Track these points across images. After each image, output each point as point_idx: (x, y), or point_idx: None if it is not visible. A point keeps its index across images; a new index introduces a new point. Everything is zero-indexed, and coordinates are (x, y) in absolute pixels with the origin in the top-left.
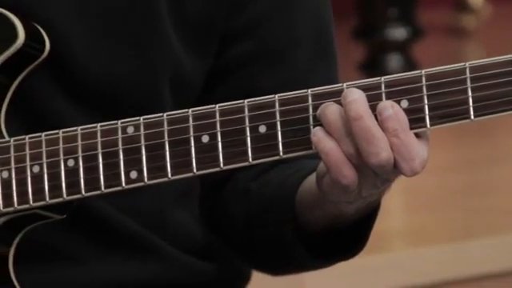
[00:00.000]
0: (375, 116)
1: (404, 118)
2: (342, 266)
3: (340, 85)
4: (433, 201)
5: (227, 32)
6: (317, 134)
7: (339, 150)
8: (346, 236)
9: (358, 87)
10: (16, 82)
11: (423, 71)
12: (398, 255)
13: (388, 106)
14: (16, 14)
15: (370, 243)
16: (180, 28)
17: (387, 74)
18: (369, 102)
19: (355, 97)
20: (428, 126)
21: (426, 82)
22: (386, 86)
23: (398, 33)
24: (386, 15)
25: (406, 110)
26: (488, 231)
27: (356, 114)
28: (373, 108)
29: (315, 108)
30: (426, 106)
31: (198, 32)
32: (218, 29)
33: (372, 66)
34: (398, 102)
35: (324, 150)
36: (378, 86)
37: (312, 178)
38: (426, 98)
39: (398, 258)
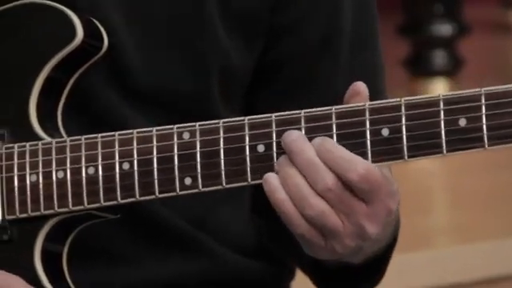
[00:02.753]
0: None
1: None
2: None
3: (397, 99)
4: (476, 198)
5: (275, 27)
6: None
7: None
8: (361, 272)
9: (416, 104)
10: (73, 79)
11: (483, 89)
12: (442, 252)
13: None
14: (75, 11)
15: (413, 240)
16: (227, 21)
17: (432, 71)
18: (427, 118)
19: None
20: (486, 146)
21: (486, 101)
22: (444, 104)
23: (444, 29)
24: (432, 11)
25: (464, 129)
26: None
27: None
28: (427, 125)
29: (372, 122)
30: (485, 126)
31: (244, 26)
32: (264, 23)
33: (417, 63)
34: (456, 121)
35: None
36: (436, 103)
37: None
38: (484, 117)
39: (441, 255)
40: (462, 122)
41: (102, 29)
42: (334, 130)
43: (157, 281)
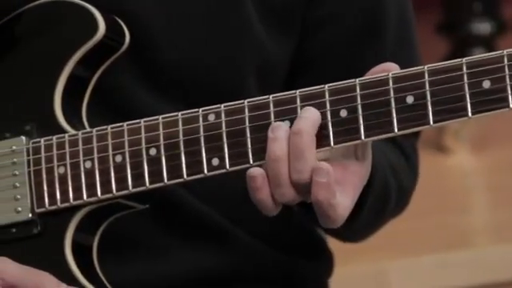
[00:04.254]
0: None
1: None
2: (426, 262)
3: (421, 67)
4: None
5: (312, 20)
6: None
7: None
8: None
9: (439, 70)
10: (97, 74)
11: (505, 51)
12: (482, 251)
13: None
14: (96, 7)
15: (453, 239)
16: (262, 13)
17: None
18: (451, 83)
19: (306, 115)
20: (511, 105)
21: (508, 61)
22: (467, 67)
23: (483, 27)
24: (471, 10)
25: (489, 91)
26: None
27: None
28: (452, 89)
29: (396, 91)
30: (509, 87)
31: (280, 17)
32: (300, 15)
33: None
34: (480, 83)
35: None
36: (459, 68)
37: None
38: (508, 77)
39: (481, 254)
40: (486, 84)
41: (123, 24)
42: (359, 101)
43: (189, 274)
